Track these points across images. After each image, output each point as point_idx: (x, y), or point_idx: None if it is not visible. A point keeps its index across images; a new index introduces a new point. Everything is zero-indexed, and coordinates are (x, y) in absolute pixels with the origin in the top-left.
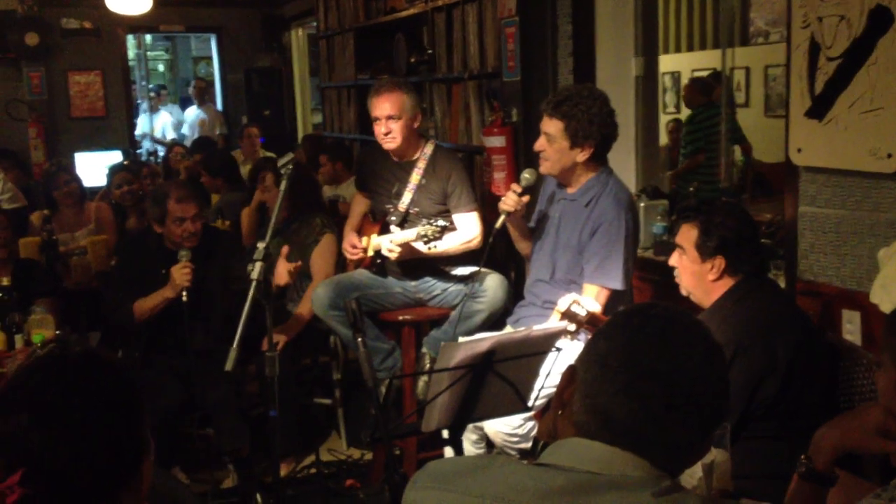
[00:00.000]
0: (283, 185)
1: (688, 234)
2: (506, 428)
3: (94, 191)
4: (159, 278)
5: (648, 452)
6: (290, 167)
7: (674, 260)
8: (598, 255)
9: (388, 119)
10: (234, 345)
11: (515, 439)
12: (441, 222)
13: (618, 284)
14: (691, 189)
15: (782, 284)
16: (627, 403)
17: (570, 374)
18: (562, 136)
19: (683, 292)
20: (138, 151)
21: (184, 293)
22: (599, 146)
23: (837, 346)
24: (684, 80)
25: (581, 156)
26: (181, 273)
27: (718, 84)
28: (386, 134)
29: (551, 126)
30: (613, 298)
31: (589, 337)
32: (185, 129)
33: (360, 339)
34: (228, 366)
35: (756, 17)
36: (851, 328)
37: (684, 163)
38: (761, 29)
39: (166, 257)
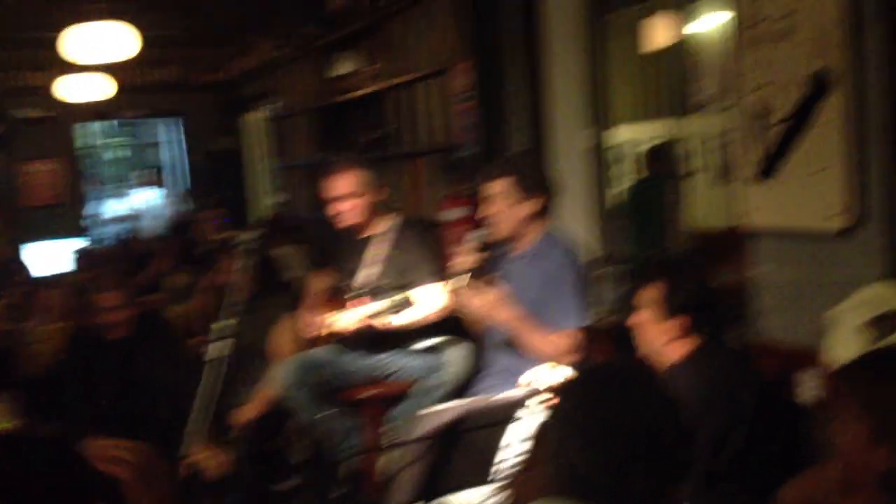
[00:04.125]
0: (243, 263)
1: (652, 294)
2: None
3: (49, 280)
4: (105, 370)
5: None
6: (255, 244)
7: (635, 320)
8: (554, 305)
9: (339, 199)
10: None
11: None
12: (406, 294)
13: (580, 322)
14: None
15: (739, 345)
16: (592, 458)
17: (539, 435)
18: (512, 189)
19: (643, 352)
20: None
21: None
22: (548, 198)
23: (797, 404)
24: (639, 149)
25: (533, 206)
26: None
27: (669, 154)
28: (337, 214)
29: (498, 185)
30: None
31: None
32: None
33: (321, 418)
34: (184, 450)
35: (704, 86)
36: (809, 386)
37: None
38: (710, 96)
39: (108, 348)
